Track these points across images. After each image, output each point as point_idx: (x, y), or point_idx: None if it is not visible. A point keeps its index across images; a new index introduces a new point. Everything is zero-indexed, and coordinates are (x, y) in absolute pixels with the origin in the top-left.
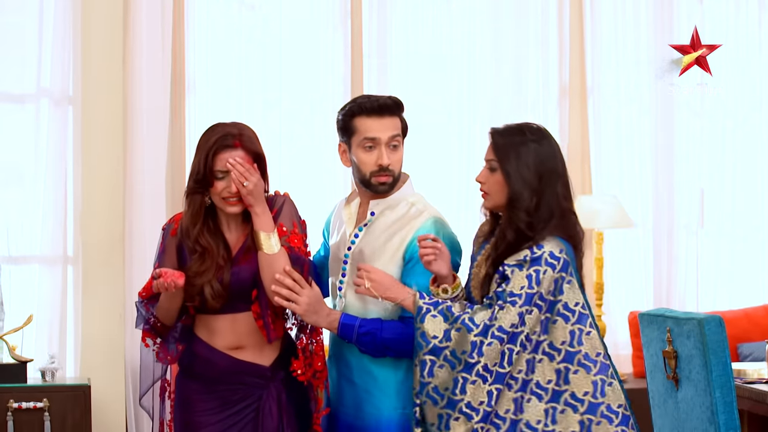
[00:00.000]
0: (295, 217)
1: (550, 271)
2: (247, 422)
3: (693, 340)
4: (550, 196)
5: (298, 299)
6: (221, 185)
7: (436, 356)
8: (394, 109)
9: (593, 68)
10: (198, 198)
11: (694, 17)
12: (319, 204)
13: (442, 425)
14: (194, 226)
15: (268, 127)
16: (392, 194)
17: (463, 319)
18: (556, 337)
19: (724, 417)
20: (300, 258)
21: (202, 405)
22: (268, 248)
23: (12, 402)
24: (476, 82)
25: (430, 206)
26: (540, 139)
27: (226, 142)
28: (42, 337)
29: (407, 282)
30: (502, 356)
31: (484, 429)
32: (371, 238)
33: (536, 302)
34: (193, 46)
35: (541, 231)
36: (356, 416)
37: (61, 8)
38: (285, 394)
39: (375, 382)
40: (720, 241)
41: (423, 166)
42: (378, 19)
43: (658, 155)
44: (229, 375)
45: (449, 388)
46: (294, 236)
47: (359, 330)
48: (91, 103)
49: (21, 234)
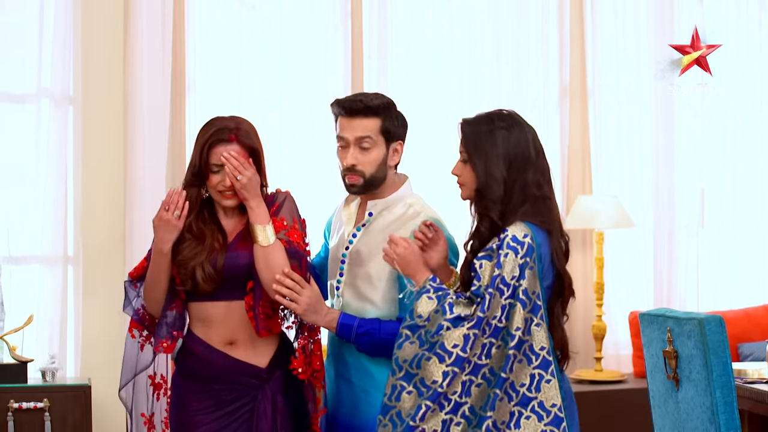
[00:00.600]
0: (295, 213)
1: (512, 255)
2: (242, 423)
3: (693, 340)
4: (521, 183)
5: (298, 299)
6: (216, 179)
7: (412, 332)
8: (364, 111)
9: (594, 68)
10: (194, 190)
11: (695, 17)
12: (320, 204)
13: (394, 395)
14: (189, 215)
15: (268, 127)
16: (390, 195)
17: (443, 304)
18: (513, 321)
19: (725, 417)
20: (298, 252)
21: (197, 404)
22: (264, 240)
23: (12, 402)
24: (477, 82)
25: (428, 207)
26: (509, 126)
27: (221, 135)
28: (42, 337)
29: (402, 282)
30: (465, 340)
31: (428, 398)
32: (369, 238)
33: (498, 285)
34: (194, 46)
35: (511, 219)
36: (353, 416)
37: (62, 8)
38: (280, 395)
39: (373, 381)
40: (720, 241)
41: (423, 166)
42: (378, 19)
43: (658, 155)
44: (225, 375)
45: (407, 360)
46: (294, 231)
47: (358, 330)
48: (92, 103)
49: (21, 234)
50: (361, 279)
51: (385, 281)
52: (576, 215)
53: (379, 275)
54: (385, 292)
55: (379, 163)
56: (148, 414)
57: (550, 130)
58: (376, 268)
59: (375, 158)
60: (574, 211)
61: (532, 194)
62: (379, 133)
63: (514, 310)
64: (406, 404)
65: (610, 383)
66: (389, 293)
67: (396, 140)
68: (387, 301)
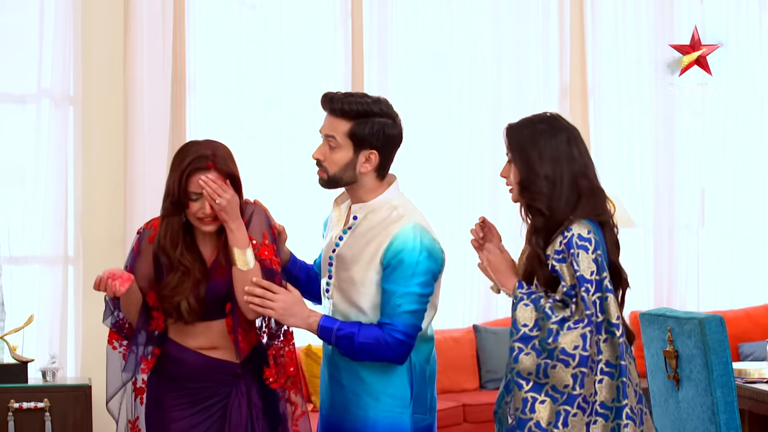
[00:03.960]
0: (264, 227)
1: (584, 253)
2: (217, 418)
3: (694, 340)
4: (568, 180)
5: (271, 304)
6: (195, 206)
7: (525, 344)
8: (336, 111)
9: (594, 68)
10: (176, 220)
11: (695, 17)
12: (319, 204)
13: (527, 408)
14: (175, 248)
15: (268, 127)
16: (374, 198)
17: (542, 308)
18: (610, 312)
19: (725, 417)
20: (271, 270)
21: (172, 401)
22: (243, 264)
23: (13, 402)
24: (477, 83)
25: (413, 211)
26: (551, 128)
27: (199, 164)
28: (43, 337)
29: (385, 288)
30: (583, 339)
31: (564, 403)
32: (353, 241)
33: (584, 285)
34: (194, 46)
35: (564, 212)
36: (345, 418)
37: (62, 9)
38: (255, 390)
39: (363, 384)
40: (721, 240)
41: (423, 166)
42: (378, 19)
43: (658, 155)
44: (199, 373)
45: (531, 372)
46: (264, 248)
47: (337, 333)
48: (92, 103)
49: (22, 234)
50: (346, 282)
51: (369, 286)
52: None
53: (363, 280)
54: (372, 296)
55: (342, 165)
56: (132, 418)
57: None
58: (360, 272)
59: (339, 159)
60: None
61: (584, 187)
62: (346, 137)
63: (607, 302)
64: (543, 414)
65: None
66: (376, 298)
67: (367, 148)
68: (375, 308)
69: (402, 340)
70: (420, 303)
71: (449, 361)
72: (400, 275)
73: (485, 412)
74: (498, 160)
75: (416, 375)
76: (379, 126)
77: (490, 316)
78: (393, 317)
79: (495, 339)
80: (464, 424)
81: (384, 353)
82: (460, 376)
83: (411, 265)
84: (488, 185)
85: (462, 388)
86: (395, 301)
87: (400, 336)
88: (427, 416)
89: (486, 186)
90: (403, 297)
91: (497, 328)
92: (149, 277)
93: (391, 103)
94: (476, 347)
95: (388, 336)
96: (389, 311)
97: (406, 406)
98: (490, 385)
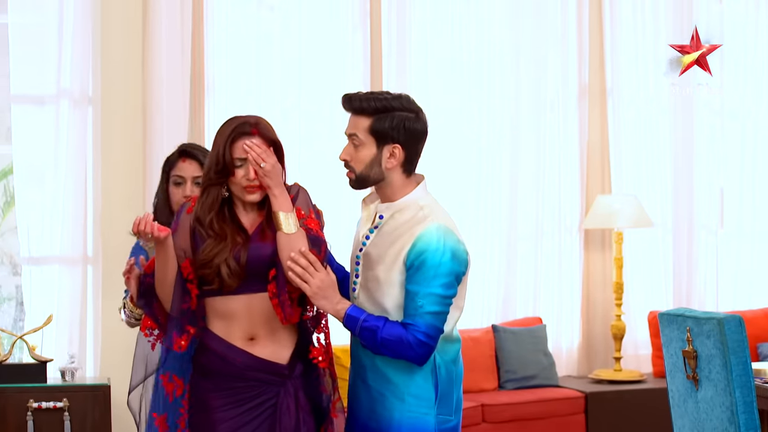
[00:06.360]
0: (311, 205)
1: None
2: (265, 419)
3: (713, 340)
4: None
5: (309, 280)
6: (240, 173)
7: None
8: (356, 109)
9: (612, 68)
10: (215, 189)
11: (714, 17)
12: (339, 204)
13: None
14: (208, 214)
15: (287, 128)
16: (401, 198)
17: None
18: None
19: (745, 417)
20: (318, 239)
21: (218, 401)
22: (287, 228)
23: (32, 402)
24: (495, 83)
25: (440, 212)
26: None
27: (243, 129)
28: (62, 337)
29: (408, 288)
30: None
31: None
32: (379, 240)
33: None
34: (212, 46)
35: None
36: (370, 417)
37: (81, 9)
38: (302, 391)
39: (388, 385)
40: (740, 240)
41: (442, 165)
42: (397, 19)
43: (677, 155)
44: (246, 372)
45: None
46: (311, 220)
47: (363, 324)
48: (111, 103)
49: (41, 234)
50: (372, 281)
51: (393, 286)
52: (595, 215)
53: (387, 280)
54: (396, 296)
55: (368, 162)
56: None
57: (569, 130)
58: (384, 272)
59: (364, 157)
60: (593, 211)
61: None
62: (368, 133)
63: None
64: None
65: (629, 383)
66: (400, 298)
67: (390, 143)
68: (399, 308)
69: (423, 341)
70: (442, 305)
71: (468, 361)
72: (422, 276)
73: (504, 412)
74: (516, 159)
75: (442, 376)
76: (399, 120)
77: (508, 316)
78: (415, 317)
79: (514, 339)
80: (483, 424)
81: (405, 352)
82: (479, 376)
83: (434, 266)
84: (507, 184)
85: (481, 388)
86: (417, 301)
87: (421, 337)
88: (452, 417)
89: (504, 185)
90: (425, 298)
91: (516, 328)
92: (185, 249)
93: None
94: (495, 347)
95: (410, 336)
96: (411, 311)
97: (430, 407)
98: (508, 385)
